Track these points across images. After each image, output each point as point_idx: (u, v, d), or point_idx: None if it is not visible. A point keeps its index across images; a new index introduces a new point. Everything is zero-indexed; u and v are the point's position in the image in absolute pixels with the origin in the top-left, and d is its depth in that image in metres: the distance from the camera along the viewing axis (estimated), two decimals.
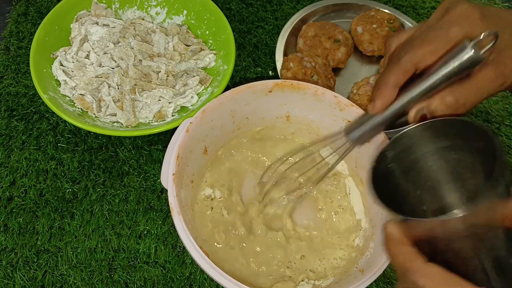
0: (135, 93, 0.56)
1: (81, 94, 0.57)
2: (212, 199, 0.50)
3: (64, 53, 0.59)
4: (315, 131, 0.53)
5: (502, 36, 0.33)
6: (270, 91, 0.49)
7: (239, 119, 0.51)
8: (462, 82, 0.35)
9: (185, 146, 0.45)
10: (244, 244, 0.48)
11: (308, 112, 0.51)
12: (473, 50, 0.33)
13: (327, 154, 0.51)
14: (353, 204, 0.51)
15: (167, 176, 0.43)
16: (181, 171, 0.45)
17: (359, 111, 0.47)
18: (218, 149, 0.52)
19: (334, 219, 0.50)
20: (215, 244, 0.47)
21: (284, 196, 0.51)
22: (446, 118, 0.37)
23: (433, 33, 0.36)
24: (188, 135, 0.45)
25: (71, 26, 0.61)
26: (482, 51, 0.33)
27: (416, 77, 0.37)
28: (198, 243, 0.40)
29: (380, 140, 0.45)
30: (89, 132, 0.58)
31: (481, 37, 0.33)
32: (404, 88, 0.38)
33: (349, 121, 0.48)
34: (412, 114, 0.38)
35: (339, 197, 0.51)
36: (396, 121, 0.40)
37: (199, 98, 0.58)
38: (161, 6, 0.65)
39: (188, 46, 0.62)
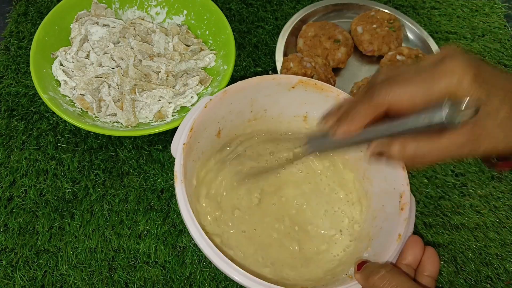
0: (135, 93, 0.56)
1: (81, 94, 0.57)
2: (215, 184, 0.50)
3: (64, 53, 0.59)
4: None
5: (490, 100, 0.31)
6: (293, 87, 0.48)
7: (258, 109, 0.51)
8: (431, 136, 0.33)
9: (200, 121, 0.45)
10: (243, 229, 0.48)
11: None
12: (447, 114, 0.31)
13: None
14: (353, 216, 0.50)
15: (177, 145, 0.43)
16: (192, 144, 0.45)
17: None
18: (231, 135, 0.52)
19: (332, 229, 0.50)
20: (210, 224, 0.47)
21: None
22: None
23: (419, 77, 0.33)
24: (205, 111, 0.45)
25: (71, 26, 0.61)
26: (458, 119, 0.31)
27: (388, 116, 0.35)
28: (196, 218, 0.40)
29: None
30: (89, 132, 0.58)
31: (462, 105, 0.31)
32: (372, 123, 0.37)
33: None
34: (370, 149, 0.37)
35: (339, 208, 0.51)
36: (355, 147, 0.42)
37: (199, 98, 0.58)
38: (161, 6, 0.65)
39: (188, 46, 0.62)
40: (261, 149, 0.53)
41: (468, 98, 0.31)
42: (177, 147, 0.44)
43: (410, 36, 0.70)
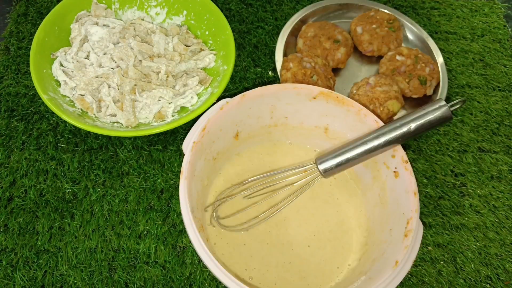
0: (135, 93, 0.56)
1: (81, 95, 0.57)
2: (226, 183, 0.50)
3: (64, 53, 0.59)
4: None
5: None
6: (315, 98, 0.49)
7: (278, 116, 0.51)
8: None
9: (215, 122, 0.46)
10: (241, 238, 0.48)
11: (347, 130, 0.50)
12: (447, 108, 0.43)
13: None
14: (353, 243, 0.49)
15: (189, 143, 0.45)
16: (205, 143, 0.46)
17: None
18: (250, 138, 0.52)
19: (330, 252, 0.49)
20: (211, 227, 0.48)
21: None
22: None
23: None
24: (221, 113, 0.46)
25: (71, 27, 0.61)
26: (452, 109, 0.44)
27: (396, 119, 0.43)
28: (196, 215, 0.41)
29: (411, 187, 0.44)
30: (89, 132, 0.58)
31: (456, 102, 0.44)
32: (382, 128, 0.44)
33: None
34: None
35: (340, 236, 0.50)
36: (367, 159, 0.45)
37: (199, 98, 0.58)
38: (161, 7, 0.65)
39: (188, 46, 0.62)
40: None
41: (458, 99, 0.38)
42: (188, 145, 0.45)
43: (410, 36, 0.70)
